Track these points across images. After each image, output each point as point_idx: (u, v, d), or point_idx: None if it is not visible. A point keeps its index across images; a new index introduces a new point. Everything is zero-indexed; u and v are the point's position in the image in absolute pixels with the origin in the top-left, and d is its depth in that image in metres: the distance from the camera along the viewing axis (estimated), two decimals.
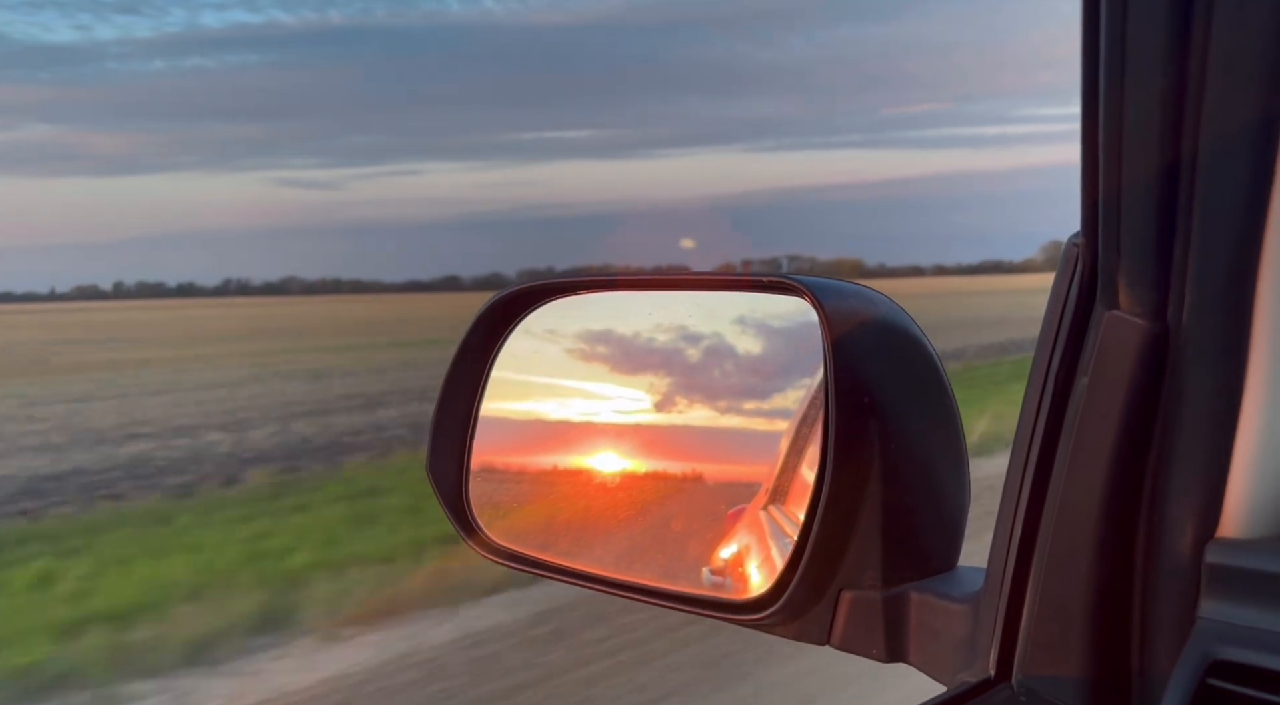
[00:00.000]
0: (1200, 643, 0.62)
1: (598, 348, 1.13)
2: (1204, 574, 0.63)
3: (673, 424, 1.07)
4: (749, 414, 1.03)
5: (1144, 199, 0.63)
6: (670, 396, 1.07)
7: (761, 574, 0.92)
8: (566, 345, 1.10)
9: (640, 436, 1.08)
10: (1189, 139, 0.60)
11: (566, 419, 1.13)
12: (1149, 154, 0.62)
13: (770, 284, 0.91)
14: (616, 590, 0.97)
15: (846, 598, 0.83)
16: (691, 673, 5.18)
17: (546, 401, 1.11)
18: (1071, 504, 0.69)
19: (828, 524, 0.80)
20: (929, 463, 0.84)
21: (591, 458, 1.10)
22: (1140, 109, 0.61)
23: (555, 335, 1.08)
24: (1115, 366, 0.66)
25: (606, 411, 1.12)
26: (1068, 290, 0.73)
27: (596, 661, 5.33)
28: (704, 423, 1.05)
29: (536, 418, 1.10)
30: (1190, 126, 0.60)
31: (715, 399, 1.05)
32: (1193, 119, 0.59)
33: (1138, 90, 0.60)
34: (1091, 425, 0.68)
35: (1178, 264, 0.63)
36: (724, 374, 1.06)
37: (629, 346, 1.12)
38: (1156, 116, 0.60)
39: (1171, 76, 0.59)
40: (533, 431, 1.11)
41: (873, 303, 0.86)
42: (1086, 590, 0.68)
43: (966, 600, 0.79)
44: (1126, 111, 0.61)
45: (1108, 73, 0.61)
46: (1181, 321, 0.64)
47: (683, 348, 1.09)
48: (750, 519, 0.95)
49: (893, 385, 0.83)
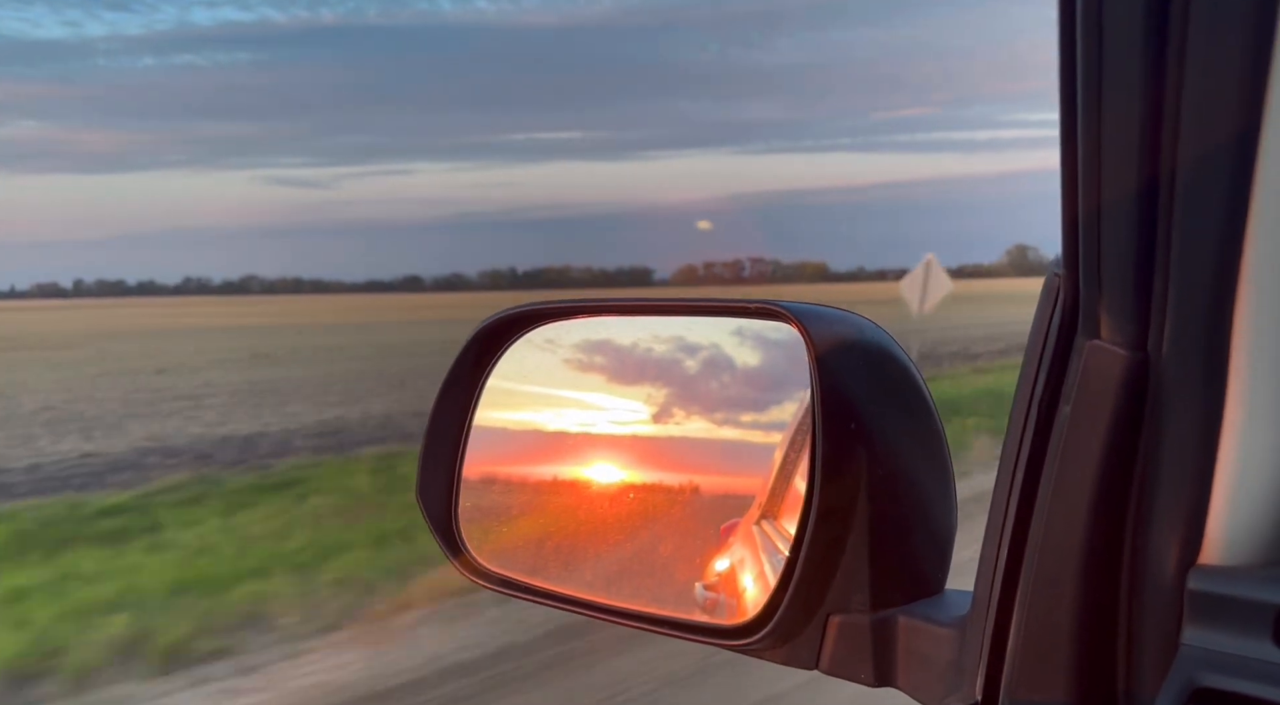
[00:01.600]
0: (1183, 669, 0.62)
1: (595, 358, 1.13)
2: (1187, 600, 0.64)
3: (669, 435, 1.07)
4: (746, 426, 1.03)
5: (1121, 228, 0.63)
6: (668, 407, 1.07)
7: (756, 588, 0.93)
8: (564, 355, 1.10)
9: (637, 447, 1.08)
10: (1166, 168, 0.60)
11: (563, 429, 1.13)
12: (1124, 183, 0.62)
13: (757, 311, 0.93)
14: (607, 616, 0.97)
15: (835, 622, 0.83)
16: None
17: (544, 411, 1.11)
18: (1056, 530, 0.69)
19: (815, 548, 0.80)
20: (916, 486, 0.85)
21: (588, 468, 1.10)
22: (1115, 137, 0.61)
23: (553, 345, 1.09)
24: (1097, 395, 0.67)
25: (603, 422, 1.12)
26: (1050, 318, 0.73)
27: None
28: (701, 434, 1.05)
29: (533, 427, 1.10)
30: (1167, 155, 0.60)
31: (712, 410, 1.05)
32: (1169, 147, 0.60)
33: (1112, 119, 0.61)
34: (1075, 453, 0.68)
35: (1157, 293, 0.63)
36: (721, 386, 1.06)
37: (627, 357, 1.13)
38: (1132, 144, 0.61)
39: (1146, 103, 0.59)
40: (529, 441, 1.10)
41: (858, 328, 0.88)
42: (1072, 615, 0.68)
43: (954, 624, 0.80)
44: (1104, 140, 0.62)
45: (1084, 102, 0.62)
46: (1162, 350, 0.64)
47: (681, 359, 1.09)
48: (744, 533, 0.96)
49: (878, 409, 0.84)
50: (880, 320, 0.90)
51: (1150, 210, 0.62)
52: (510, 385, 1.09)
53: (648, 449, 1.07)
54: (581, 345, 1.11)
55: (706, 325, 1.07)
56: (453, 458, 1.08)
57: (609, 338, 1.12)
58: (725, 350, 1.06)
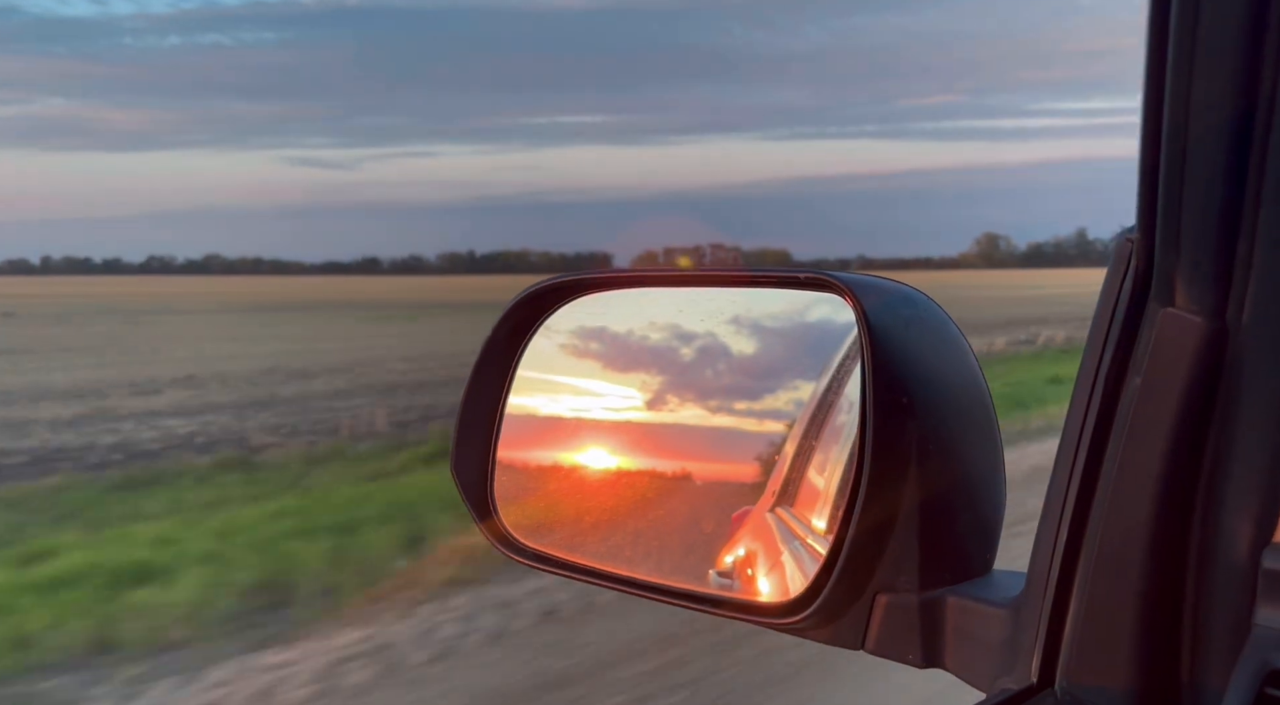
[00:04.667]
0: (1258, 651, 0.60)
1: (591, 344, 1.12)
2: (1261, 580, 0.62)
3: (663, 422, 1.07)
4: (740, 414, 1.03)
5: (1206, 192, 0.61)
6: (662, 394, 1.07)
7: (771, 578, 0.92)
8: (560, 341, 1.09)
9: (630, 434, 1.08)
10: (1260, 132, 0.58)
11: (557, 414, 1.12)
12: (1214, 146, 0.59)
13: (807, 280, 0.89)
14: (648, 592, 0.95)
15: (882, 601, 0.81)
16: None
17: (538, 396, 1.10)
18: (1122, 506, 0.67)
19: (864, 526, 0.78)
20: (966, 464, 0.83)
21: (581, 454, 1.09)
22: (1207, 99, 0.59)
23: (549, 331, 1.08)
24: (1171, 366, 0.65)
25: (598, 408, 1.11)
26: (1120, 286, 0.70)
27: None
28: (695, 421, 1.04)
29: (528, 412, 1.09)
30: (1262, 119, 0.58)
31: (707, 398, 1.05)
32: (1264, 112, 0.58)
33: (1205, 80, 0.58)
34: (1145, 425, 0.66)
35: (1240, 261, 0.61)
36: (716, 373, 1.06)
37: (623, 344, 1.12)
38: (1225, 107, 0.58)
39: (1242, 66, 0.57)
40: (525, 426, 1.10)
41: (910, 301, 0.85)
42: (1136, 595, 0.66)
43: (1004, 604, 0.78)
44: (1193, 102, 0.59)
45: (1176, 60, 0.59)
46: (1241, 320, 0.62)
47: (676, 346, 1.09)
48: (757, 521, 0.95)
49: (930, 385, 0.81)
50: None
51: (1239, 168, 0.59)
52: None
53: (641, 435, 1.07)
54: (578, 331, 1.10)
55: (703, 313, 1.07)
56: (488, 434, 1.05)
57: (605, 325, 1.12)
58: (721, 338, 1.06)
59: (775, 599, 0.90)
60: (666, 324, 1.09)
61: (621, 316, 1.12)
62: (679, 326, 1.08)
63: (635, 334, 1.12)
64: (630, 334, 1.12)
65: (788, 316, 1.02)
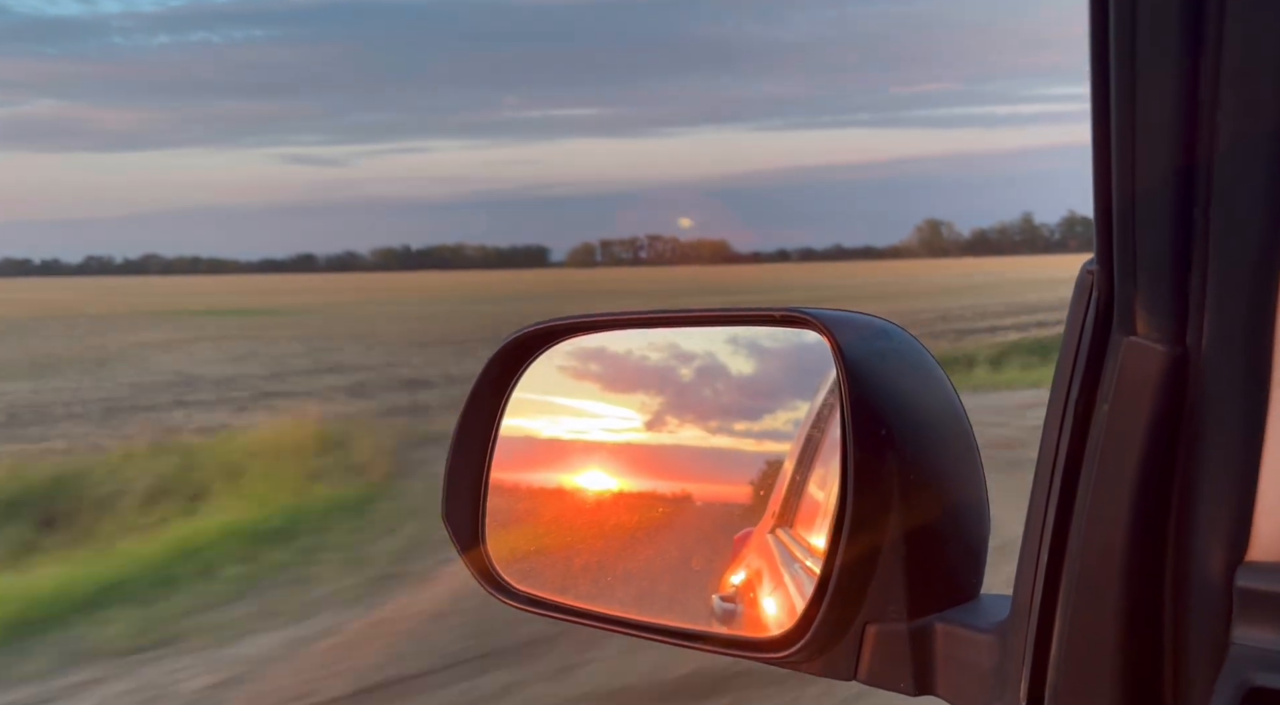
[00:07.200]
0: (1235, 669, 0.61)
1: (590, 366, 1.12)
2: (1236, 599, 0.62)
3: (662, 443, 1.06)
4: (739, 435, 1.03)
5: (1158, 220, 0.62)
6: (661, 415, 1.07)
7: (775, 599, 0.92)
8: (559, 362, 1.08)
9: (629, 455, 1.08)
10: (1204, 156, 0.59)
11: (557, 436, 1.12)
12: (1161, 172, 0.61)
13: (783, 318, 0.92)
14: (638, 632, 0.96)
15: (872, 631, 0.82)
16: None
17: (538, 419, 1.10)
18: (1097, 531, 0.68)
19: (850, 558, 0.79)
20: (949, 492, 0.84)
21: (580, 475, 1.09)
22: (1151, 125, 0.60)
23: (549, 352, 1.07)
24: (1136, 392, 0.66)
25: (597, 429, 1.11)
26: (1084, 316, 0.72)
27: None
28: (694, 442, 1.05)
29: (527, 434, 1.09)
30: (1205, 143, 0.59)
31: (706, 419, 1.05)
32: (1208, 135, 0.58)
33: (1148, 105, 0.59)
34: (1114, 452, 0.67)
35: (1195, 287, 0.62)
36: (715, 394, 1.06)
37: (621, 365, 1.12)
38: (1169, 132, 0.59)
39: (1184, 89, 0.58)
40: (523, 448, 1.09)
41: (885, 334, 0.87)
42: (1116, 618, 0.67)
43: (993, 630, 0.78)
44: (1139, 127, 0.60)
45: (1118, 88, 0.60)
46: (1201, 345, 0.63)
47: (675, 366, 1.09)
48: (758, 543, 0.95)
49: (908, 416, 0.82)
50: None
51: (1188, 201, 0.61)
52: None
53: (640, 456, 1.07)
54: (576, 353, 1.10)
55: (703, 333, 1.07)
56: (477, 479, 1.06)
57: (603, 346, 1.12)
58: (719, 358, 1.06)
59: (766, 634, 0.90)
60: (665, 344, 1.09)
61: (620, 336, 1.12)
62: (677, 346, 1.09)
63: (634, 354, 1.12)
64: (629, 354, 1.13)
65: (785, 336, 1.03)
